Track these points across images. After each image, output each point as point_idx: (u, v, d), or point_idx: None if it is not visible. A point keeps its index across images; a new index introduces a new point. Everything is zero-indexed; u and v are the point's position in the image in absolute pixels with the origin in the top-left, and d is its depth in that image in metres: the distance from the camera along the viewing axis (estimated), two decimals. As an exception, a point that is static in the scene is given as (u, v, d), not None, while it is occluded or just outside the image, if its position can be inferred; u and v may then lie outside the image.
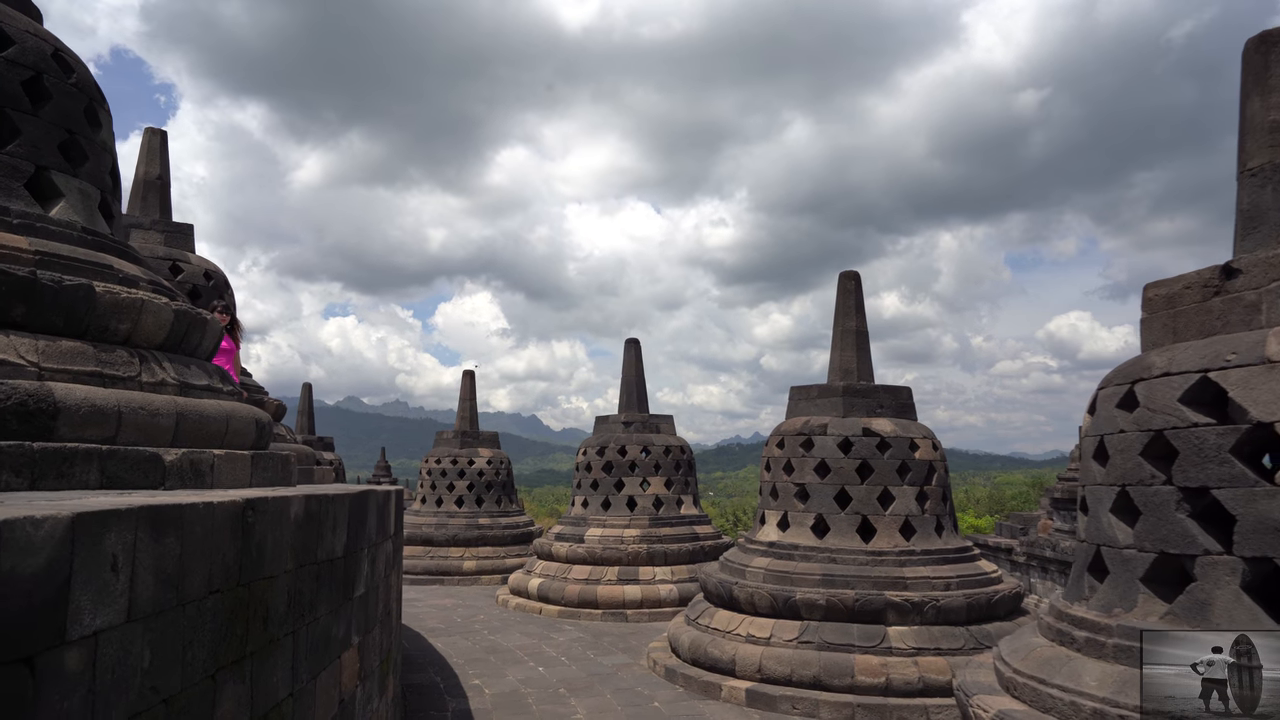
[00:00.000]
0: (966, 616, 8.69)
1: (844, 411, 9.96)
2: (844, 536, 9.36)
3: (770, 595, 9.06)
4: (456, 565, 18.10)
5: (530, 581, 14.58)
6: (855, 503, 9.47)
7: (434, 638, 11.76)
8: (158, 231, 10.65)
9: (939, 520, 9.60)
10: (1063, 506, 20.49)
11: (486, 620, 13.22)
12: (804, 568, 9.19)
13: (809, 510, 9.66)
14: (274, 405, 10.63)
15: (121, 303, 4.65)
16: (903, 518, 9.38)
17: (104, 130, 5.51)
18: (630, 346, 16.22)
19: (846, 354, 10.50)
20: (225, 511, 3.05)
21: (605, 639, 11.82)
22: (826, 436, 9.75)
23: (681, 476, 15.48)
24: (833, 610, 8.73)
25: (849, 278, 10.77)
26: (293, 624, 3.75)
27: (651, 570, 14.11)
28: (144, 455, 4.12)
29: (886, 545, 9.22)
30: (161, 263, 10.30)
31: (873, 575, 8.89)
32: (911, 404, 10.34)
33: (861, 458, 9.58)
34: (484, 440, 20.23)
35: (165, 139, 11.22)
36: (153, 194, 10.94)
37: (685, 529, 14.92)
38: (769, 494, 10.20)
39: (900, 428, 9.77)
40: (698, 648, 9.27)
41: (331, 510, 4.27)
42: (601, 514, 15.04)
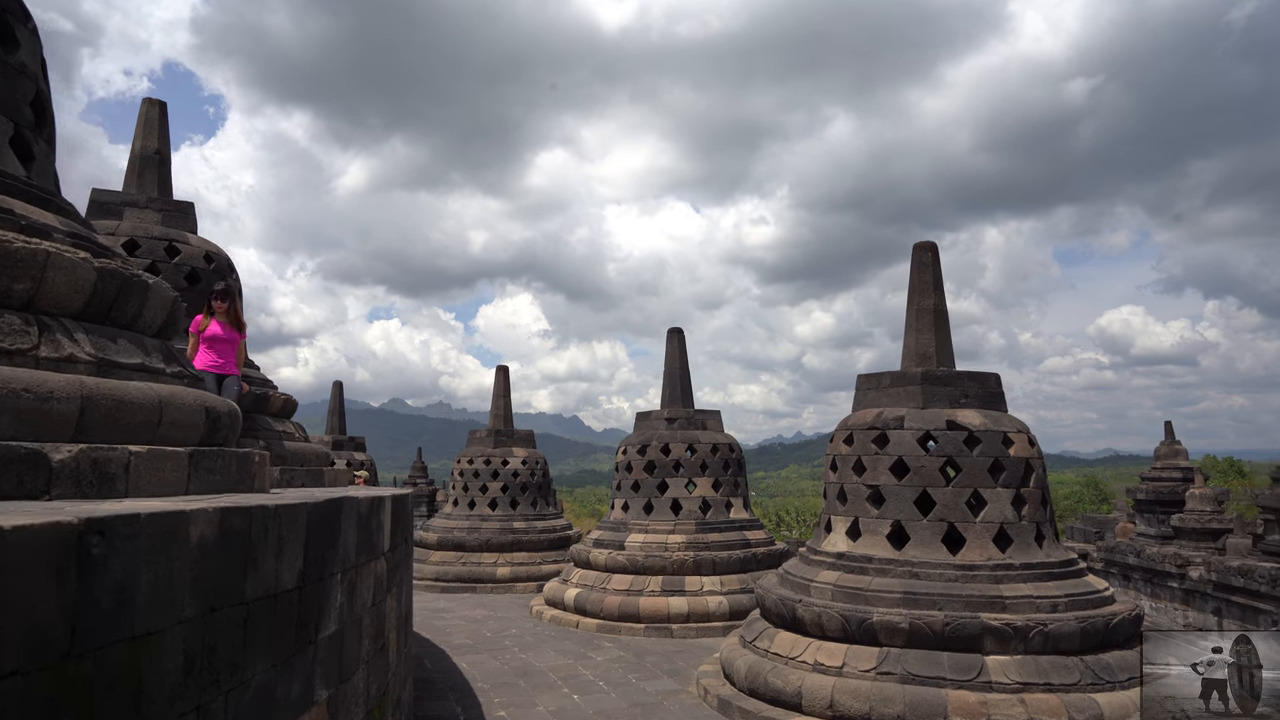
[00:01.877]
0: (1080, 644, 7.28)
1: (923, 402, 8.60)
2: (927, 547, 8.01)
3: (841, 616, 7.75)
4: (490, 572, 17.03)
5: (567, 592, 13.41)
6: (940, 508, 8.10)
7: (460, 655, 10.65)
8: (154, 210, 9.69)
9: (1039, 528, 8.19)
10: (1147, 508, 18.74)
11: (519, 635, 12.07)
12: (880, 584, 7.86)
13: (884, 516, 8.32)
14: (280, 400, 9.61)
15: (15, 254, 3.55)
16: (996, 525, 7.99)
17: (23, 51, 4.44)
18: (673, 337, 14.96)
19: (924, 336, 9.12)
20: (38, 541, 1.89)
21: (648, 659, 10.59)
22: (904, 430, 8.40)
23: (730, 477, 14.18)
24: (917, 635, 7.39)
25: (925, 249, 9.39)
26: (199, 695, 2.59)
27: (699, 580, 12.84)
28: (18, 453, 3.00)
29: (978, 558, 7.85)
30: (156, 243, 9.34)
31: (963, 594, 7.53)
32: (1001, 392, 8.94)
33: (946, 455, 8.21)
34: (519, 439, 19.15)
35: (165, 110, 10.28)
36: (150, 170, 10.00)
37: (735, 535, 13.61)
38: (835, 497, 8.88)
39: (990, 420, 8.38)
40: (756, 676, 8.00)
41: (272, 527, 3.11)
42: (643, 518, 13.82)
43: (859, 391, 9.41)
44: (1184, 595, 16.77)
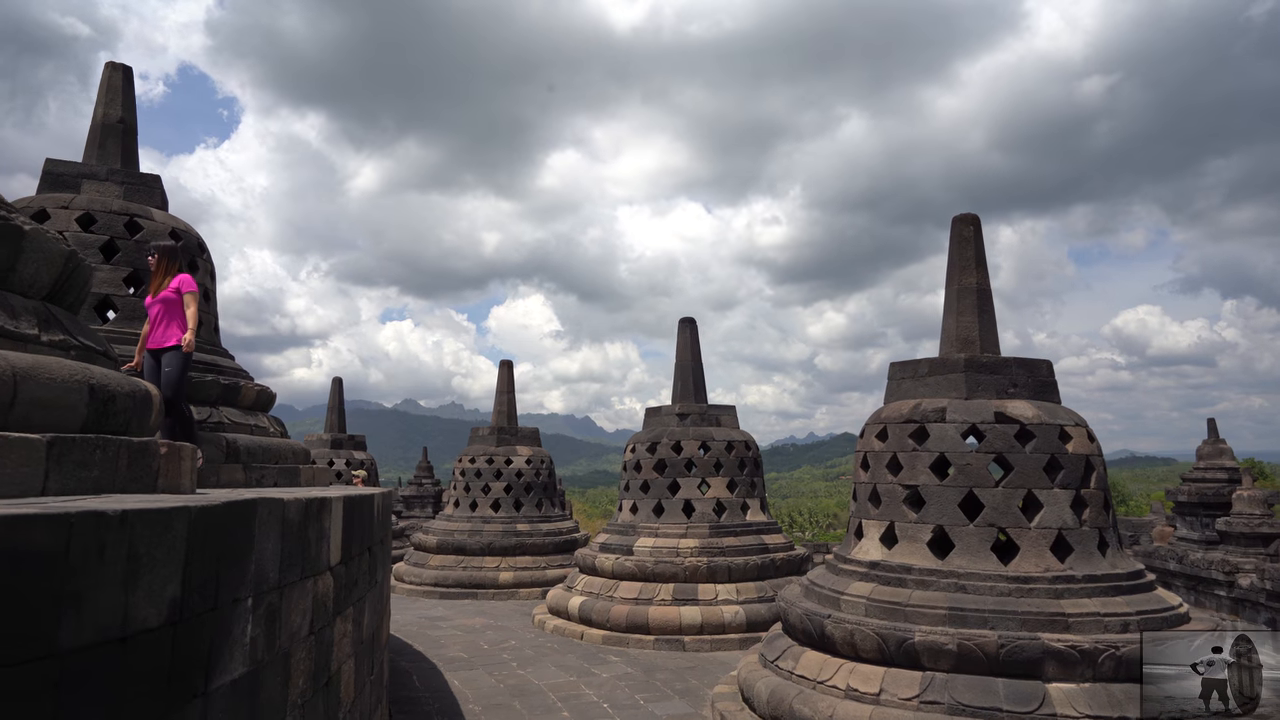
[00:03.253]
0: (1157, 670, 6.28)
1: (967, 391, 7.62)
2: (974, 556, 7.03)
3: (877, 635, 6.78)
4: (492, 577, 16.13)
5: (571, 600, 12.48)
6: (988, 511, 7.12)
7: (453, 671, 9.74)
8: (115, 183, 8.84)
9: (1101, 534, 7.19)
10: (1189, 511, 17.62)
11: (518, 647, 11.16)
12: (922, 598, 6.89)
13: (924, 521, 7.34)
14: (253, 391, 8.73)
15: None
16: (1054, 531, 7.01)
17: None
18: (685, 327, 14.00)
19: (965, 318, 8.14)
20: None
21: (658, 676, 9.65)
22: (946, 424, 7.42)
23: (747, 477, 13.22)
24: (967, 659, 6.41)
25: (966, 223, 8.41)
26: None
27: (713, 588, 11.89)
28: None
29: (1034, 568, 6.86)
30: (115, 218, 8.47)
31: (1019, 611, 6.54)
32: (1053, 381, 7.95)
33: (995, 451, 7.23)
34: (523, 437, 18.24)
35: (130, 75, 9.43)
36: (112, 139, 9.14)
37: (752, 539, 12.65)
38: (867, 499, 7.91)
39: (1045, 412, 7.39)
40: (780, 701, 7.04)
41: (117, 543, 2.19)
42: (653, 521, 12.88)
43: (892, 381, 8.44)
44: (1232, 604, 15.66)
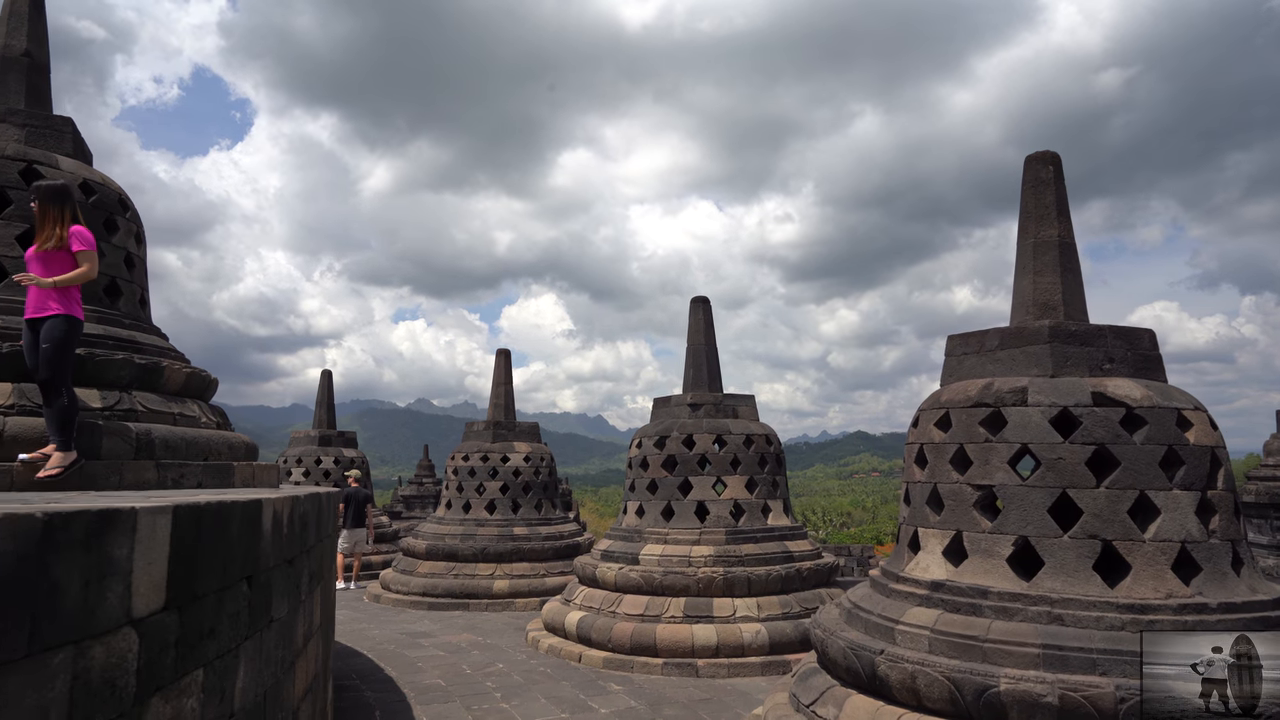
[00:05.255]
0: (1331, 733, 4.71)
1: (1053, 368, 6.05)
2: (1071, 577, 5.46)
3: (948, 680, 5.23)
4: (485, 586, 14.64)
5: (568, 615, 10.97)
6: (1088, 519, 5.54)
7: (424, 704, 8.26)
8: (14, 125, 7.39)
9: (1234, 549, 5.60)
10: (1256, 513, 15.94)
11: (505, 672, 9.65)
12: (1005, 630, 5.33)
13: (1003, 531, 5.77)
14: (181, 374, 7.26)
15: None
16: (1176, 545, 5.42)
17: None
18: (697, 306, 12.46)
19: (1045, 278, 6.55)
20: None
21: (667, 712, 8.12)
22: (1029, 408, 5.85)
23: (768, 475, 11.66)
24: (1074, 715, 4.85)
25: (1044, 162, 6.81)
26: None
27: (730, 603, 10.35)
28: None
29: (1152, 594, 5.29)
30: (9, 164, 7.01)
31: (1139, 650, 4.97)
32: (1158, 355, 6.36)
33: (1095, 442, 5.65)
34: (521, 432, 16.75)
35: (41, 4, 8.00)
36: (14, 74, 7.71)
37: (775, 545, 11.09)
38: (925, 503, 6.34)
39: (1157, 393, 5.81)
40: (819, 761, 5.50)
41: None
42: (662, 525, 11.35)
43: (951, 359, 6.86)
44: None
